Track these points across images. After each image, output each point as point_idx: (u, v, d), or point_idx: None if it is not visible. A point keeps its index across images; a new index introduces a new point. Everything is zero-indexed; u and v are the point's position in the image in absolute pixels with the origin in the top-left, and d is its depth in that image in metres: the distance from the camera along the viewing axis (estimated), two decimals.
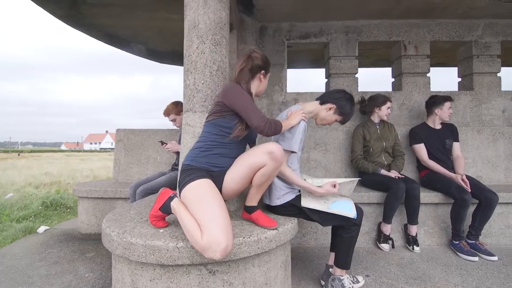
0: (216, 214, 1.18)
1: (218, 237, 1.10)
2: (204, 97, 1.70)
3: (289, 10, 2.80)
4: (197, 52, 1.71)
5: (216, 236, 1.11)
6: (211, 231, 1.12)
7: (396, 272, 2.02)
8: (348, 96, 1.76)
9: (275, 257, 1.48)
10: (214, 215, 1.17)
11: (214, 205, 1.22)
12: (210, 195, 1.26)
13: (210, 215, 1.18)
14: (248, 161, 1.36)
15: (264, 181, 1.39)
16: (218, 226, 1.14)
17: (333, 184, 1.59)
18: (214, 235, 1.11)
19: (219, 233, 1.11)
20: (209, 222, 1.15)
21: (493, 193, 2.26)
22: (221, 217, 1.18)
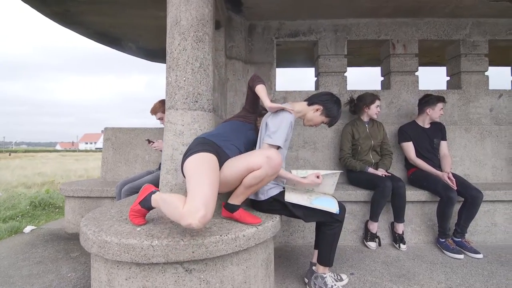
0: (204, 185, 1.21)
1: (198, 205, 1.13)
2: (186, 94, 1.68)
3: (278, 8, 2.79)
4: (179, 49, 1.70)
5: (197, 204, 1.13)
6: (194, 200, 1.15)
7: (381, 270, 2.02)
8: (335, 99, 1.77)
9: (256, 255, 1.46)
10: (202, 186, 1.20)
11: (206, 177, 1.25)
12: (208, 167, 1.29)
13: (199, 186, 1.21)
14: (247, 159, 1.39)
15: (254, 184, 1.40)
16: (202, 196, 1.16)
17: (317, 175, 1.59)
18: (194, 204, 1.14)
19: (200, 202, 1.14)
20: (195, 192, 1.19)
21: (478, 191, 2.27)
22: (208, 189, 1.20)
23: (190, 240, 1.22)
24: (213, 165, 1.32)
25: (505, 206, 2.52)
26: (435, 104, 2.55)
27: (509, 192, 2.46)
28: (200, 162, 1.31)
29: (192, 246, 1.22)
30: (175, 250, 1.20)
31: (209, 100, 1.77)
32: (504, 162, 2.90)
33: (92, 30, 3.56)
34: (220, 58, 2.61)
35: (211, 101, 1.82)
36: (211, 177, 1.26)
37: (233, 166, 1.40)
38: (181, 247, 1.21)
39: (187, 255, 1.21)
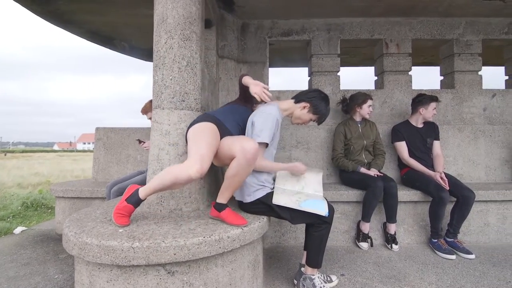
0: (201, 145, 1.37)
1: (194, 160, 1.31)
2: (173, 94, 1.66)
3: (270, 7, 2.77)
4: (166, 47, 1.67)
5: (193, 160, 1.32)
6: (190, 157, 1.34)
7: (372, 271, 2.00)
8: (323, 96, 1.75)
9: (241, 257, 1.44)
10: (198, 146, 1.37)
11: (203, 139, 1.40)
12: (206, 133, 1.43)
13: (195, 146, 1.38)
14: (233, 142, 1.43)
15: (232, 175, 1.40)
16: (198, 153, 1.33)
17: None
18: (191, 159, 1.32)
19: (196, 158, 1.32)
20: (192, 151, 1.37)
21: (470, 191, 2.25)
22: (204, 147, 1.36)
23: (172, 242, 1.20)
24: (211, 131, 1.46)
25: (498, 206, 2.51)
26: (428, 104, 2.53)
27: (501, 192, 2.45)
28: (199, 129, 1.46)
29: (173, 248, 1.19)
30: (156, 252, 1.18)
31: (196, 99, 1.75)
32: (498, 162, 2.89)
33: (84, 29, 3.53)
34: (211, 57, 2.59)
35: (199, 100, 1.79)
36: (208, 139, 1.40)
37: (224, 143, 1.47)
38: (162, 249, 1.18)
39: (169, 257, 1.19)
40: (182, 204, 1.62)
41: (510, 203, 2.50)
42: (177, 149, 1.63)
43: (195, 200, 1.66)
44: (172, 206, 1.61)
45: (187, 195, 1.64)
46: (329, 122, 2.97)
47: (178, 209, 1.62)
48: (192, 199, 1.65)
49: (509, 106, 2.97)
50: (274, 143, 1.69)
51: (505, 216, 2.51)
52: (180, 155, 1.63)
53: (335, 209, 2.48)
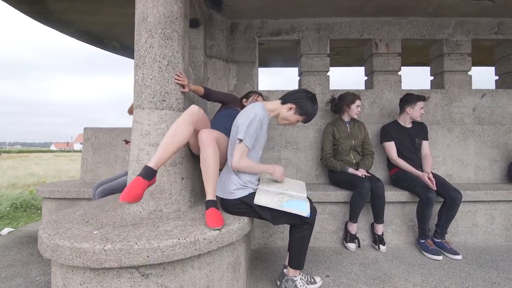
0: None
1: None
2: (153, 93, 1.64)
3: (258, 7, 2.76)
4: (146, 46, 1.65)
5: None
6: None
7: (357, 272, 1.99)
8: (310, 96, 1.71)
9: (220, 259, 1.43)
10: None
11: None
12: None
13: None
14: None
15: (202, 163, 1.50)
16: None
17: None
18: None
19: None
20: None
21: (457, 192, 2.24)
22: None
23: (145, 244, 1.18)
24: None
25: (486, 206, 2.50)
26: (415, 103, 2.52)
27: (489, 193, 2.44)
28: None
29: (146, 250, 1.17)
30: (129, 254, 1.16)
31: (178, 99, 1.73)
32: (487, 162, 2.89)
33: (74, 29, 3.51)
34: (198, 56, 2.57)
35: (182, 100, 1.78)
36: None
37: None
38: (135, 251, 1.16)
39: (142, 260, 1.17)
40: (162, 205, 1.60)
41: (498, 203, 2.49)
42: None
43: (175, 201, 1.64)
44: (152, 207, 1.59)
45: (167, 196, 1.62)
46: (319, 122, 2.95)
47: (158, 210, 1.60)
48: (173, 200, 1.63)
49: (499, 106, 2.97)
50: (260, 143, 1.67)
51: (493, 217, 2.50)
52: None
53: (323, 209, 2.48)
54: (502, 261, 2.17)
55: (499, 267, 2.06)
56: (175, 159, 1.66)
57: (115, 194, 2.25)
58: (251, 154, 1.61)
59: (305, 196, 1.70)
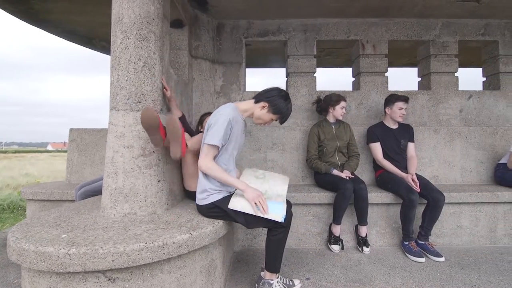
0: None
1: None
2: (128, 95, 1.62)
3: (244, 7, 2.74)
4: (121, 47, 1.64)
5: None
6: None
7: (338, 275, 1.98)
8: (282, 94, 1.68)
9: (192, 262, 1.41)
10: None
11: None
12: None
13: None
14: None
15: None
16: None
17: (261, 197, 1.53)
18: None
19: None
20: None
21: (440, 193, 2.23)
22: None
23: (110, 248, 1.16)
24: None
25: (471, 208, 2.50)
26: (393, 103, 2.52)
27: (474, 194, 2.43)
28: None
29: (112, 255, 1.16)
30: (93, 258, 1.14)
31: (155, 101, 1.71)
32: (473, 163, 2.88)
33: (61, 29, 3.48)
34: (183, 57, 2.55)
35: (160, 102, 1.76)
36: None
37: None
38: (99, 255, 1.15)
39: (107, 264, 1.15)
40: (136, 208, 1.59)
41: (483, 205, 2.49)
42: (132, 152, 1.60)
43: (151, 204, 1.62)
44: (126, 210, 1.57)
45: (142, 198, 1.60)
46: (306, 123, 2.94)
47: (132, 213, 1.58)
48: (148, 203, 1.62)
49: (485, 108, 2.97)
50: (234, 145, 1.64)
51: (478, 218, 2.50)
52: (135, 157, 1.60)
53: (307, 211, 2.47)
54: (485, 263, 2.17)
55: (481, 270, 2.06)
56: (151, 161, 1.64)
57: (96, 196, 2.23)
58: (223, 156, 1.59)
59: (284, 195, 1.67)
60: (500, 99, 2.98)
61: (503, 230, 2.51)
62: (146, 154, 1.62)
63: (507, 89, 2.98)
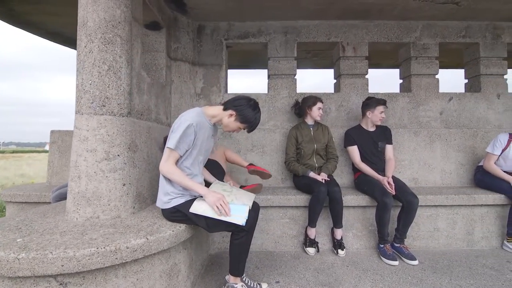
0: None
1: None
2: (92, 98, 1.62)
3: (224, 9, 2.74)
4: (85, 51, 1.64)
5: None
6: None
7: (309, 278, 1.98)
8: (251, 103, 1.65)
9: (150, 267, 1.41)
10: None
11: None
12: None
13: None
14: None
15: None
16: None
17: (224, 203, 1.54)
18: None
19: None
20: None
21: (414, 196, 2.23)
22: None
23: (60, 253, 1.16)
24: None
25: (448, 211, 2.49)
26: (374, 107, 2.51)
27: (450, 197, 2.43)
28: None
29: (61, 259, 1.16)
30: (42, 263, 1.14)
31: (121, 104, 1.71)
32: (453, 165, 2.88)
33: (44, 30, 3.48)
34: (160, 60, 2.55)
35: (126, 105, 1.76)
36: None
37: None
38: (49, 260, 1.15)
39: (56, 269, 1.15)
40: (99, 212, 1.59)
41: (460, 207, 2.49)
42: (96, 156, 1.59)
43: (115, 207, 1.62)
44: (89, 214, 1.57)
45: (105, 202, 1.60)
46: (286, 125, 2.94)
47: (95, 217, 1.58)
48: (112, 207, 1.61)
49: (466, 110, 2.96)
50: (199, 150, 1.62)
51: (455, 221, 2.50)
52: (99, 161, 1.60)
53: (284, 214, 2.47)
54: (459, 266, 2.17)
55: (453, 273, 2.06)
56: (116, 165, 1.64)
57: None
58: (187, 160, 1.59)
59: (248, 204, 1.67)
60: (480, 101, 2.97)
61: (480, 233, 2.51)
62: (110, 158, 1.62)
63: (488, 91, 2.97)
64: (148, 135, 2.05)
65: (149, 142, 2.06)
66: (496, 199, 2.45)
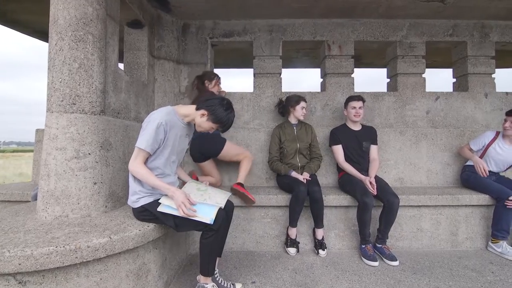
0: None
1: None
2: (62, 97, 1.61)
3: (208, 8, 2.72)
4: (56, 49, 1.63)
5: None
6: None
7: (286, 279, 1.96)
8: (224, 103, 1.63)
9: (116, 266, 1.40)
10: None
11: None
12: None
13: None
14: None
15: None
16: None
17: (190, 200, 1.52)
18: None
19: None
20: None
21: (395, 196, 2.21)
22: None
23: (17, 252, 1.15)
24: None
25: (431, 211, 2.47)
26: (347, 104, 2.56)
27: (433, 197, 2.40)
28: None
29: (18, 258, 1.15)
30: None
31: (93, 102, 1.70)
32: (440, 165, 2.85)
33: (32, 29, 3.48)
34: (142, 58, 2.53)
35: (99, 103, 1.74)
36: None
37: None
38: (6, 258, 1.14)
39: (13, 267, 1.14)
40: (68, 211, 1.57)
41: (444, 208, 2.46)
42: (65, 154, 1.58)
43: (85, 206, 1.61)
44: (58, 212, 1.56)
45: (75, 201, 1.59)
46: (270, 124, 2.92)
47: (64, 216, 1.57)
48: (81, 206, 1.60)
49: (453, 109, 2.93)
50: (171, 149, 1.59)
51: (439, 222, 2.47)
52: (68, 160, 1.58)
53: (266, 213, 2.45)
54: (440, 267, 2.14)
55: (433, 274, 2.03)
56: (86, 163, 1.63)
57: None
58: (158, 160, 1.57)
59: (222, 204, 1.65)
60: (468, 101, 2.94)
61: (464, 233, 2.48)
62: (80, 156, 1.61)
63: (475, 90, 2.94)
64: (126, 134, 2.04)
65: (126, 141, 2.04)
66: (480, 199, 2.42)
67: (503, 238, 2.32)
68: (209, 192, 1.75)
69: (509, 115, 2.43)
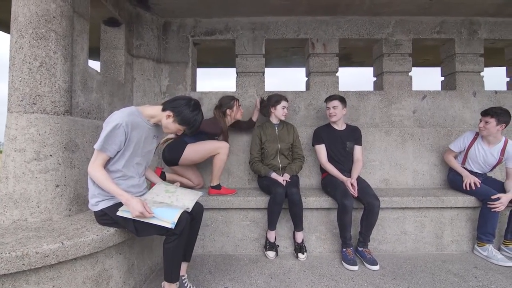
0: None
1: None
2: (22, 96, 1.56)
3: (188, 5, 2.66)
4: (16, 47, 1.57)
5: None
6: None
7: (260, 284, 1.90)
8: (191, 104, 1.56)
9: (71, 273, 1.34)
10: None
11: None
12: None
13: None
14: None
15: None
16: None
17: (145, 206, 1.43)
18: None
19: None
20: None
21: (375, 198, 2.14)
22: None
23: None
24: None
25: (415, 213, 2.39)
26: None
27: (417, 199, 2.33)
28: None
29: None
30: None
31: (55, 102, 1.64)
32: (426, 166, 2.78)
33: None
34: (119, 57, 2.48)
35: (63, 103, 1.69)
36: None
37: None
38: None
39: None
40: (27, 215, 1.52)
41: (428, 210, 2.39)
42: (24, 156, 1.53)
43: (45, 210, 1.56)
44: (16, 216, 1.51)
45: (34, 204, 1.53)
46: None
47: (23, 219, 1.51)
48: (42, 209, 1.55)
49: (440, 109, 2.85)
50: (134, 151, 1.53)
51: (423, 224, 2.40)
52: (28, 162, 1.53)
53: (245, 216, 2.39)
54: (422, 272, 2.07)
55: (413, 279, 1.96)
56: (47, 165, 1.58)
57: None
58: (120, 162, 1.50)
59: (186, 207, 1.59)
60: (456, 99, 2.86)
61: (450, 236, 2.41)
62: (41, 158, 1.56)
63: (463, 89, 2.86)
64: (96, 135, 1.98)
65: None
66: (466, 201, 2.35)
67: (488, 242, 2.24)
68: (177, 194, 1.69)
69: (484, 115, 2.34)
